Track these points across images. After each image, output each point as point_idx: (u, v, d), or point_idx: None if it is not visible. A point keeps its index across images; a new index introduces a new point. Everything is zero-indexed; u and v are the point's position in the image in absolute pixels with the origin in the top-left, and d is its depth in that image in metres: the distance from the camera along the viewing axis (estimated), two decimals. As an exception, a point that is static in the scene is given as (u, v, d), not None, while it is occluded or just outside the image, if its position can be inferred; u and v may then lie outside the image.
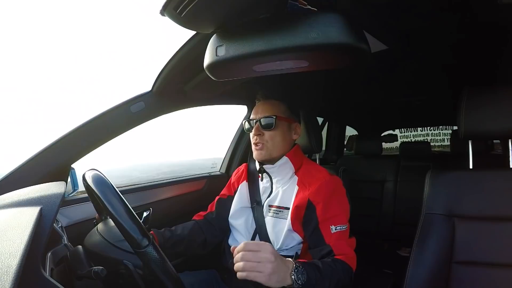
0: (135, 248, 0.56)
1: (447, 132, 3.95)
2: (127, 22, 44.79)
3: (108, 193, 0.59)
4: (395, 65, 1.36)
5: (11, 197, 0.56)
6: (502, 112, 0.83)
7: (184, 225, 1.00)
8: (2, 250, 0.37)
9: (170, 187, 1.31)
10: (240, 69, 0.70)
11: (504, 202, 0.80)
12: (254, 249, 0.61)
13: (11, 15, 26.56)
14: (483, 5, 0.78)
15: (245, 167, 1.10)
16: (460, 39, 1.05)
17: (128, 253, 0.66)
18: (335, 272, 0.74)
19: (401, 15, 0.86)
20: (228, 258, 0.97)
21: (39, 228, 0.45)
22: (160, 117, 1.15)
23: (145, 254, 0.56)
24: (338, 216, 0.85)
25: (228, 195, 1.08)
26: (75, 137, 0.96)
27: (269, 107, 0.95)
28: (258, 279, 0.60)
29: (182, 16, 0.57)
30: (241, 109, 1.61)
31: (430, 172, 0.93)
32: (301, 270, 0.66)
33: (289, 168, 0.95)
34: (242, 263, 0.61)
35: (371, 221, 2.13)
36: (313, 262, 0.74)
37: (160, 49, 34.70)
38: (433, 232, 0.85)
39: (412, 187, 2.00)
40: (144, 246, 0.56)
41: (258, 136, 0.93)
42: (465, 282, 0.80)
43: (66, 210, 0.95)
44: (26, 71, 18.27)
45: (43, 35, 26.21)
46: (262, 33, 0.60)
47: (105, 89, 15.33)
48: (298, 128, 1.00)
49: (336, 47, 0.57)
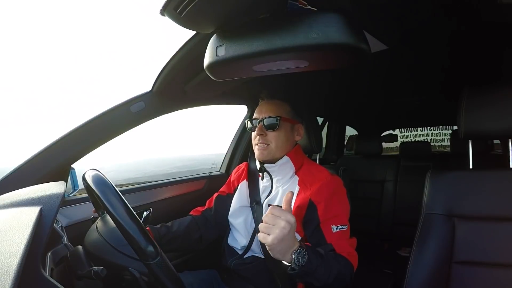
0: (144, 259, 0.56)
1: (447, 132, 3.95)
2: (127, 22, 44.88)
3: (109, 194, 0.58)
4: (395, 65, 1.35)
5: (11, 197, 0.56)
6: (502, 112, 0.83)
7: (180, 221, 1.00)
8: (2, 250, 0.37)
9: (170, 187, 1.31)
10: (240, 69, 0.70)
11: (504, 202, 0.80)
12: (276, 214, 0.64)
13: (11, 15, 26.60)
14: (483, 5, 0.78)
15: (245, 166, 1.10)
16: (460, 39, 1.05)
17: (133, 259, 0.65)
18: (337, 264, 0.73)
19: (401, 15, 0.86)
20: (228, 258, 0.97)
21: (39, 228, 0.45)
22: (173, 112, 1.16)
23: (153, 265, 0.55)
24: (339, 216, 0.85)
25: (227, 193, 1.08)
26: (75, 137, 0.96)
27: (273, 108, 0.94)
28: (264, 240, 0.63)
29: (182, 16, 0.57)
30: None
31: (430, 172, 0.93)
32: (303, 253, 0.66)
33: (290, 167, 0.95)
34: (261, 224, 0.65)
35: (371, 221, 2.13)
36: (317, 249, 0.73)
37: (160, 49, 34.73)
38: (433, 232, 0.85)
39: (412, 187, 2.00)
40: (154, 257, 0.55)
41: (261, 137, 0.93)
42: (465, 282, 0.80)
43: (66, 210, 0.95)
44: (26, 71, 18.31)
45: (43, 35, 26.22)
46: (262, 33, 0.59)
47: (105, 89, 15.37)
48: (301, 129, 0.99)
49: (336, 47, 0.57)
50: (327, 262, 0.71)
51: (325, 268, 0.70)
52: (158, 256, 0.56)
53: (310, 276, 0.68)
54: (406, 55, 1.23)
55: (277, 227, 0.62)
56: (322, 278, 0.69)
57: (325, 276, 0.70)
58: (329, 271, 0.71)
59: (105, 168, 2.99)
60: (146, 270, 0.58)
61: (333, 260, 0.73)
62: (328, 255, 0.74)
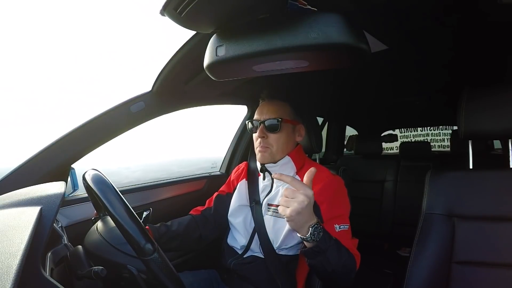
0: (141, 256, 0.56)
1: (447, 132, 3.95)
2: (127, 22, 44.79)
3: (108, 193, 0.59)
4: (395, 65, 1.35)
5: (11, 197, 0.56)
6: (502, 112, 0.83)
7: (180, 220, 0.99)
8: (2, 250, 0.37)
9: (170, 187, 1.31)
10: (240, 69, 0.70)
11: (504, 202, 0.80)
12: (296, 187, 0.65)
13: (11, 14, 26.55)
14: (483, 5, 0.78)
15: (245, 166, 1.10)
16: (460, 39, 1.05)
17: (131, 257, 0.65)
18: (346, 253, 0.74)
19: (401, 15, 0.86)
20: (228, 258, 0.97)
21: (39, 228, 0.45)
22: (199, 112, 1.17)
23: (150, 261, 0.56)
24: (342, 215, 0.85)
25: (227, 192, 1.08)
26: (75, 137, 0.96)
27: (274, 109, 0.94)
28: (283, 212, 0.65)
29: (182, 16, 0.57)
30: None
31: (430, 172, 0.93)
32: (320, 229, 0.67)
33: (291, 167, 0.95)
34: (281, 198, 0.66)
35: (371, 221, 2.13)
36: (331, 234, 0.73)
37: (160, 49, 34.68)
38: (433, 232, 0.85)
39: (412, 187, 2.01)
40: (150, 253, 0.56)
41: (262, 139, 0.92)
42: (465, 282, 0.80)
43: (66, 210, 0.95)
44: (26, 71, 18.28)
45: (43, 35, 26.19)
46: (262, 33, 0.59)
47: (105, 89, 15.35)
48: (302, 130, 0.99)
49: (336, 47, 0.57)
50: (337, 247, 0.71)
51: (337, 251, 0.71)
52: (155, 252, 0.56)
53: (322, 255, 0.68)
54: (406, 55, 1.23)
55: (296, 200, 0.63)
56: (332, 260, 0.70)
57: (335, 259, 0.70)
58: (339, 255, 0.71)
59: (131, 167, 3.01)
60: (144, 268, 0.59)
61: (342, 249, 0.74)
62: (338, 242, 0.74)
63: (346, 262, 0.73)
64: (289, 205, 0.64)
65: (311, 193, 0.65)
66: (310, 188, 0.66)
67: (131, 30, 44.65)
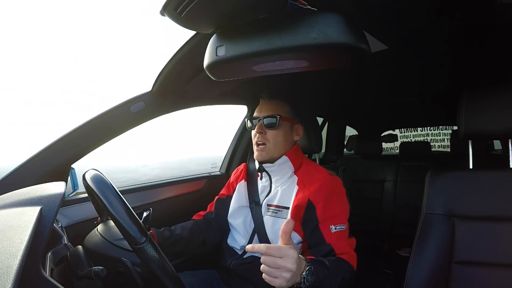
0: (132, 244, 0.57)
1: (447, 132, 3.95)
2: (127, 22, 44.73)
3: (107, 191, 0.59)
4: (395, 65, 1.35)
5: (11, 197, 0.56)
6: (502, 112, 0.82)
7: (183, 225, 1.00)
8: (2, 250, 0.37)
9: (170, 187, 1.31)
10: (240, 69, 0.70)
11: (504, 202, 0.80)
12: (275, 255, 0.60)
13: (10, 14, 26.51)
14: (483, 5, 0.78)
15: (244, 167, 1.10)
16: (460, 39, 1.05)
17: (127, 251, 0.66)
18: (340, 270, 0.74)
19: (401, 15, 0.86)
20: (228, 258, 0.97)
21: (39, 228, 0.45)
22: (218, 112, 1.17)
23: (142, 250, 0.57)
24: (338, 216, 0.85)
25: (227, 195, 1.08)
26: (75, 137, 0.96)
27: (273, 107, 0.95)
28: (272, 283, 0.60)
29: (182, 16, 0.57)
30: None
31: (430, 172, 0.93)
32: (312, 270, 0.65)
33: (289, 167, 0.95)
34: (262, 266, 0.61)
35: (371, 221, 2.13)
36: (320, 259, 0.74)
37: (160, 49, 34.66)
38: (433, 232, 0.85)
39: (412, 187, 2.00)
40: (141, 242, 0.57)
41: (260, 135, 0.94)
42: (465, 282, 0.80)
43: (66, 210, 0.95)
44: (26, 71, 18.27)
45: (43, 35, 26.16)
46: (262, 33, 0.59)
47: (105, 89, 15.33)
48: (300, 130, 1.00)
49: (336, 47, 0.57)
50: (332, 271, 0.72)
51: (332, 277, 0.71)
52: (146, 241, 0.58)
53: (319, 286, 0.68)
54: (406, 55, 1.23)
55: (281, 270, 0.59)
56: (330, 285, 0.70)
57: (331, 285, 0.71)
58: (334, 279, 0.72)
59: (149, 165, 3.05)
60: (138, 261, 0.59)
61: (337, 268, 0.74)
62: (331, 263, 0.74)
63: (345, 277, 0.74)
64: (277, 276, 0.60)
65: (294, 252, 0.61)
66: (291, 246, 0.61)
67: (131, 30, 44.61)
